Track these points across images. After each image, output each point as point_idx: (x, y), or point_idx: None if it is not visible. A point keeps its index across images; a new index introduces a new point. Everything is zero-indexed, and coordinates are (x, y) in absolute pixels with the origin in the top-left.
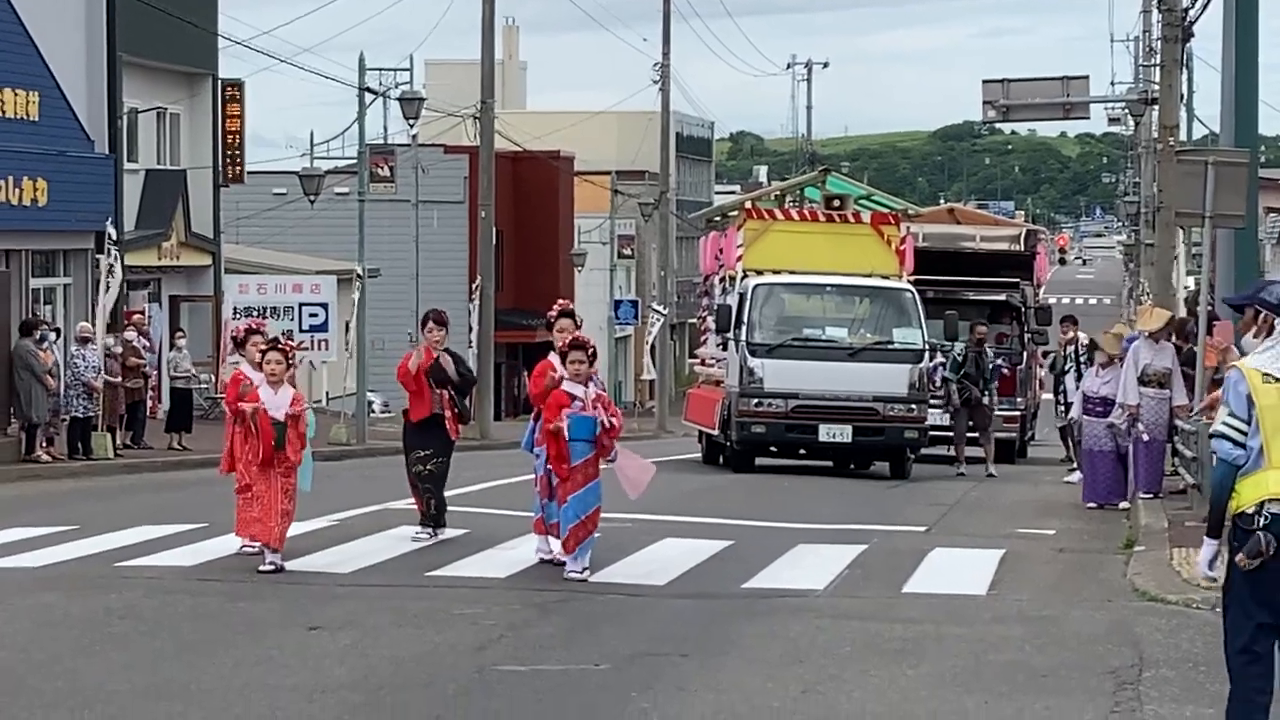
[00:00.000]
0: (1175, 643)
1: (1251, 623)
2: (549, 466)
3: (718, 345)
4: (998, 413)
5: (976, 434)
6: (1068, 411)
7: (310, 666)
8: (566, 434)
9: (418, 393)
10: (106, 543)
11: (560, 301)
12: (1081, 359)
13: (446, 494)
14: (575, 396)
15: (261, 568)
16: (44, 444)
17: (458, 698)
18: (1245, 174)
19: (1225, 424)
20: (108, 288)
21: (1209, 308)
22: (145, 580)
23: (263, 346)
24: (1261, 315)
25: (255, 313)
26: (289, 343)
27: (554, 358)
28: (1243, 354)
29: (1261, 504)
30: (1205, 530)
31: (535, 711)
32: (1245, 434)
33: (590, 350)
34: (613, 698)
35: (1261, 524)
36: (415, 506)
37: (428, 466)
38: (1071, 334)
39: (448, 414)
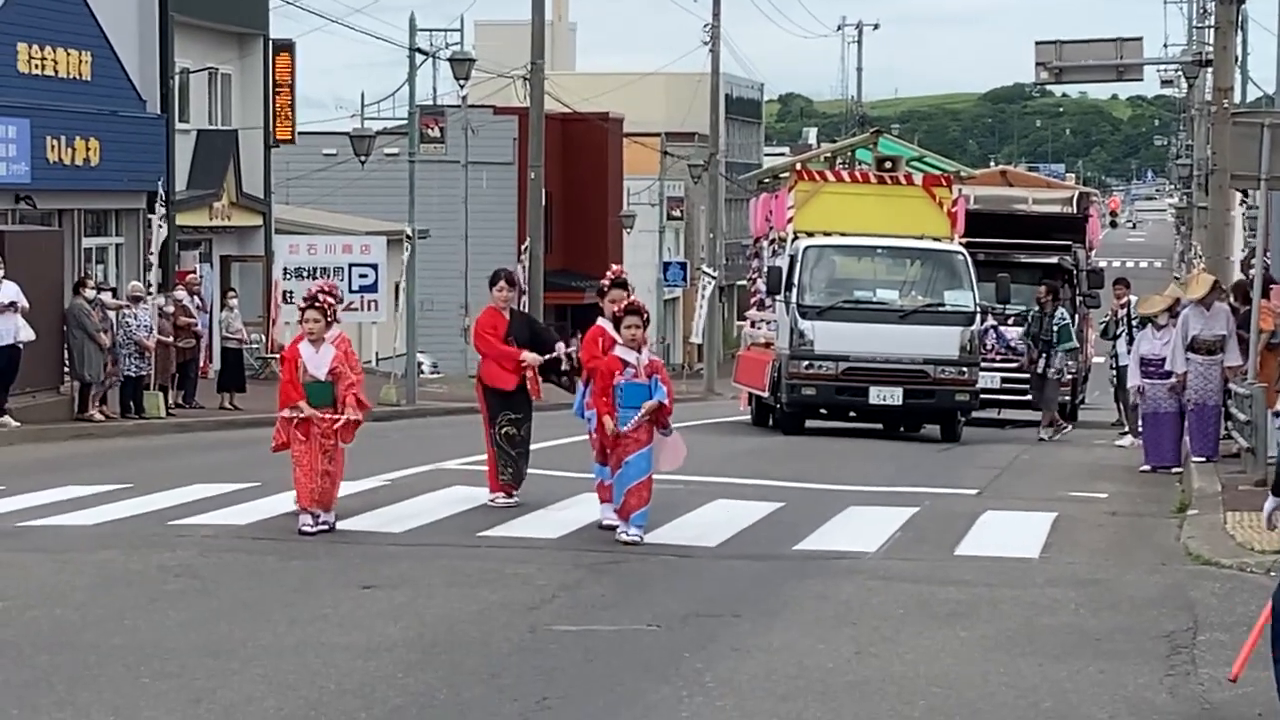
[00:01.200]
0: (1229, 606)
1: None
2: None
3: (768, 307)
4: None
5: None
6: (1119, 375)
7: (364, 625)
8: (617, 425)
9: (501, 364)
10: (160, 501)
11: (614, 269)
12: (1134, 322)
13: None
14: (628, 363)
15: (304, 528)
16: (97, 402)
17: (511, 656)
18: None
19: None
20: (152, 248)
21: (1265, 270)
22: (200, 539)
23: (301, 305)
24: None
25: (305, 273)
26: (328, 298)
27: (604, 323)
28: None
29: None
30: (1272, 487)
31: (588, 671)
32: None
33: (645, 316)
34: (666, 657)
35: None
36: (487, 469)
37: (521, 430)
38: (1125, 297)
39: (529, 375)
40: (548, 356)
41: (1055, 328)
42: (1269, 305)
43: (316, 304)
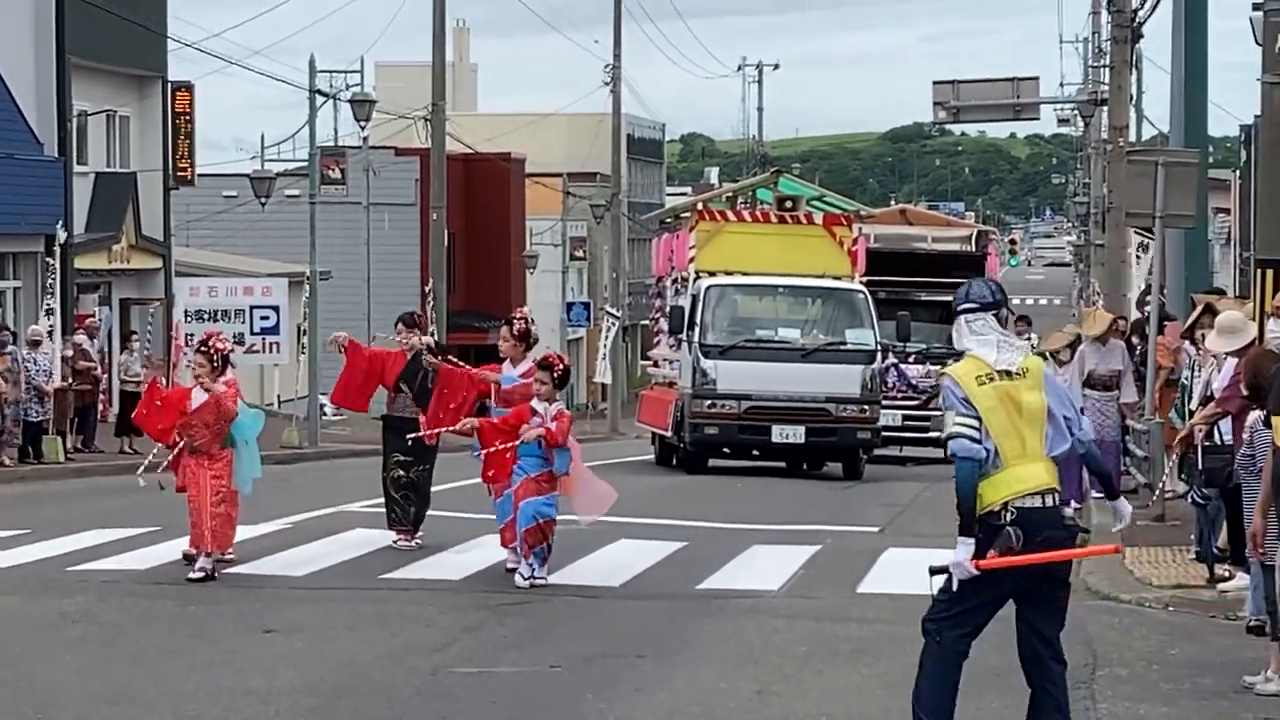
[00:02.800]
0: (1128, 641)
1: (972, 622)
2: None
3: (670, 346)
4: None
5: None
6: None
7: (264, 670)
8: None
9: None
10: (59, 546)
11: (519, 311)
12: None
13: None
14: (536, 412)
15: (190, 575)
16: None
17: (412, 700)
18: (1195, 174)
19: (957, 424)
20: (51, 292)
21: (1160, 305)
22: (99, 584)
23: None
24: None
25: (207, 316)
26: (215, 345)
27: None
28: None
29: (1005, 503)
30: (959, 531)
31: (490, 713)
32: (979, 430)
33: (556, 372)
34: (568, 699)
35: (1009, 519)
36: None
37: (410, 473)
38: (1026, 335)
39: (421, 418)
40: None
41: None
42: (1165, 341)
43: (201, 347)
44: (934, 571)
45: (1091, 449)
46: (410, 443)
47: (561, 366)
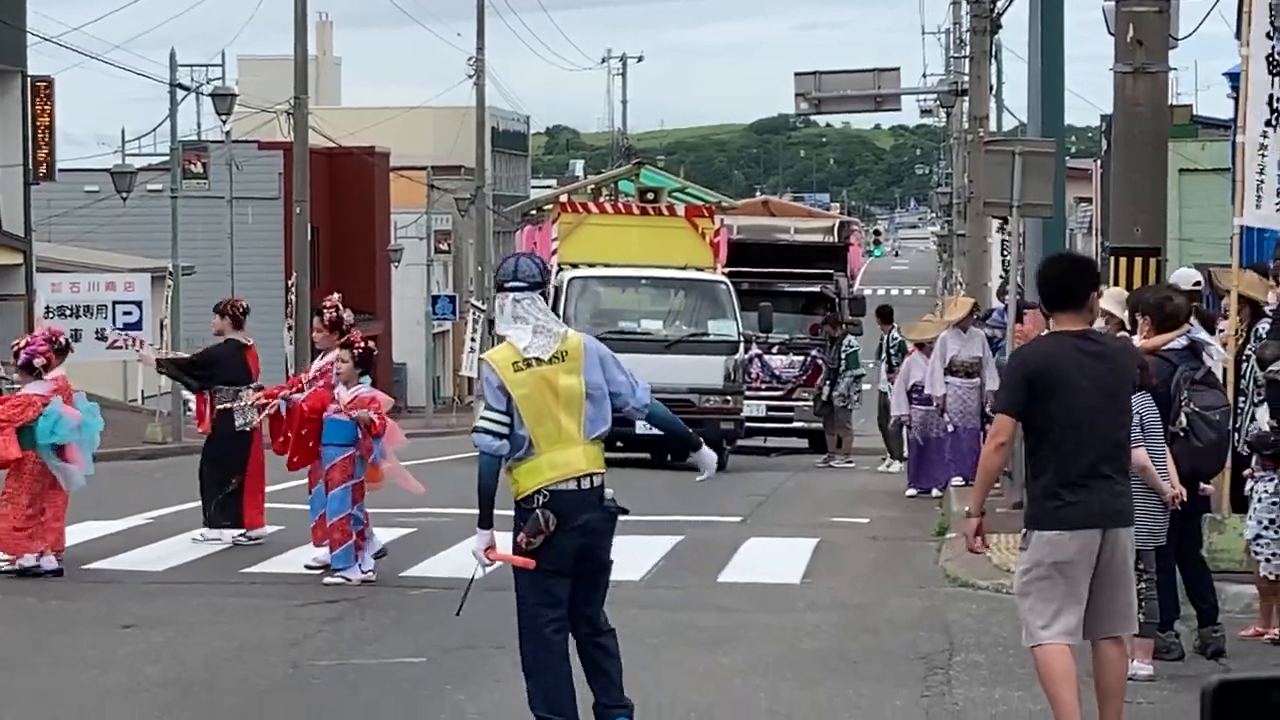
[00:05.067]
0: (985, 627)
1: (551, 597)
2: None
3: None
4: (807, 405)
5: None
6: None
7: (124, 665)
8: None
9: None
10: None
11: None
12: (893, 352)
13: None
14: (334, 398)
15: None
16: None
17: (272, 693)
18: (1052, 163)
19: (484, 418)
20: None
21: (1019, 296)
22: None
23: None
24: None
25: (69, 312)
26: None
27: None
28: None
29: (540, 489)
30: (477, 523)
31: (350, 704)
32: (507, 425)
33: (357, 350)
34: (429, 690)
35: (540, 503)
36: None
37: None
38: (889, 327)
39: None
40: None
41: (844, 354)
42: (1025, 330)
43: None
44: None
45: (656, 409)
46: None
47: (362, 345)
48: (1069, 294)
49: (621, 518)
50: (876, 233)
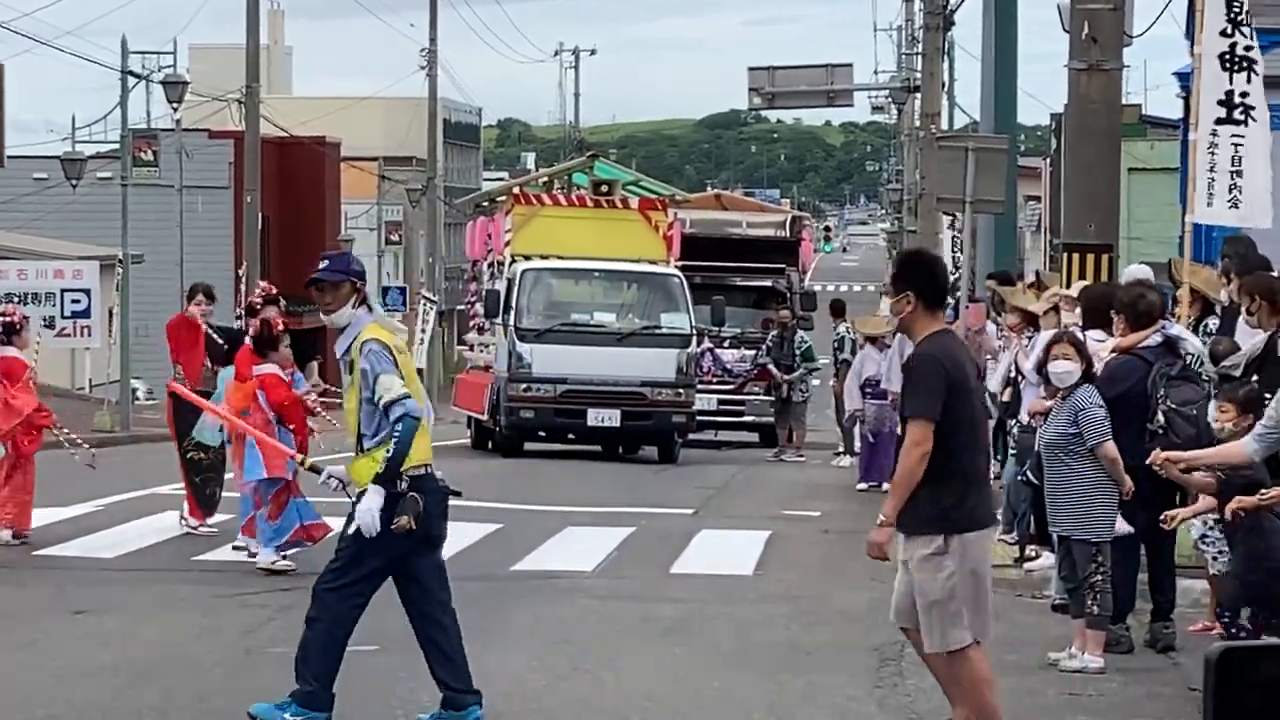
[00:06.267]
0: None
1: (380, 577)
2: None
3: (486, 330)
4: (758, 399)
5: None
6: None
7: (74, 651)
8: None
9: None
10: None
11: (262, 285)
12: (850, 346)
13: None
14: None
15: None
16: None
17: (223, 679)
18: (1005, 160)
19: (402, 386)
20: None
21: (970, 291)
22: None
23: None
24: None
25: (17, 299)
26: None
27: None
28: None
29: (418, 465)
30: (381, 481)
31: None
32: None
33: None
34: (382, 678)
35: (410, 485)
36: (185, 492)
37: (210, 455)
38: (837, 321)
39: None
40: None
41: (799, 349)
42: (960, 323)
43: None
44: None
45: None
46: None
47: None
48: (946, 292)
49: (575, 509)
50: (827, 228)
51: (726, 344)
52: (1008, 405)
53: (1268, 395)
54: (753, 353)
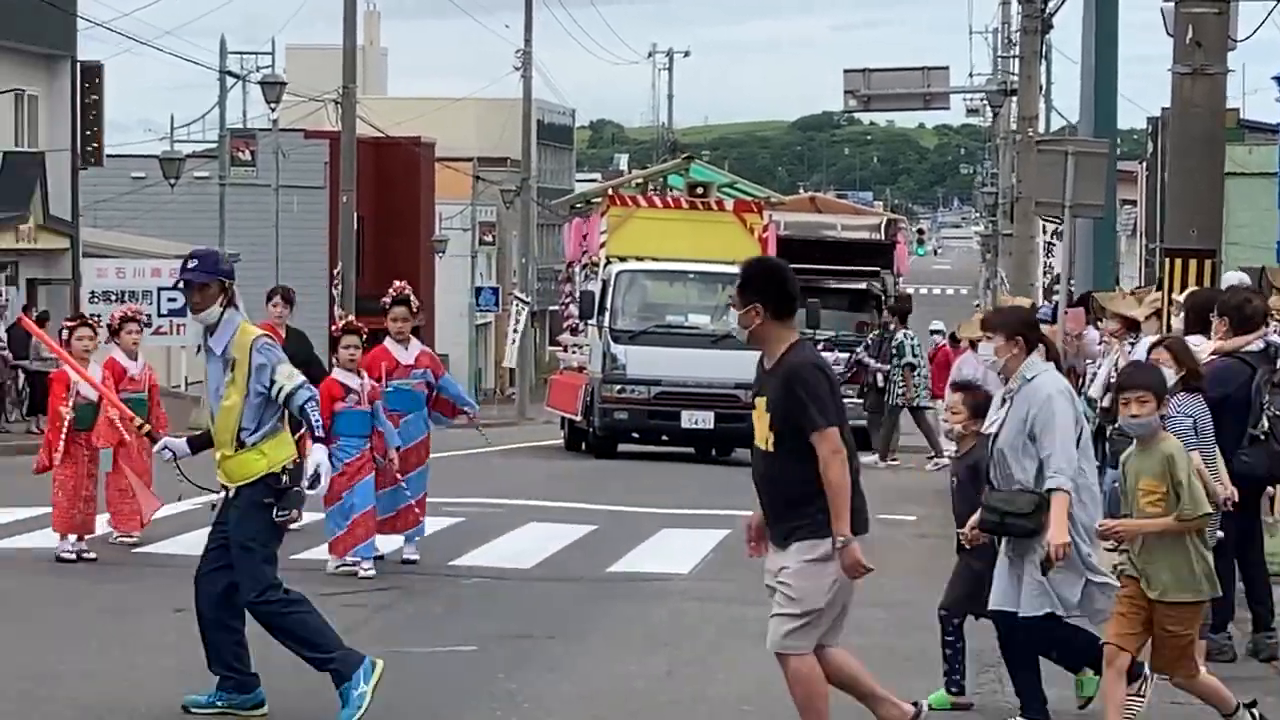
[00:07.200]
0: None
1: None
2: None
3: (580, 332)
4: (857, 401)
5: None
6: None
7: (176, 649)
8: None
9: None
10: None
11: (396, 284)
12: (908, 351)
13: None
14: (350, 389)
15: (62, 554)
16: None
17: (323, 679)
18: (1104, 164)
19: (298, 375)
20: None
21: (1069, 295)
22: (7, 562)
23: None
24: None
25: (114, 297)
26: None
27: (390, 344)
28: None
29: (285, 464)
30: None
31: (401, 693)
32: None
33: (364, 335)
34: (479, 678)
35: (288, 479)
36: None
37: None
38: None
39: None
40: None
41: (895, 348)
42: (1053, 329)
43: (86, 320)
44: None
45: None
46: None
47: (367, 329)
48: (796, 301)
49: (669, 511)
50: (920, 231)
51: (820, 347)
52: (1107, 411)
53: None
54: (846, 355)
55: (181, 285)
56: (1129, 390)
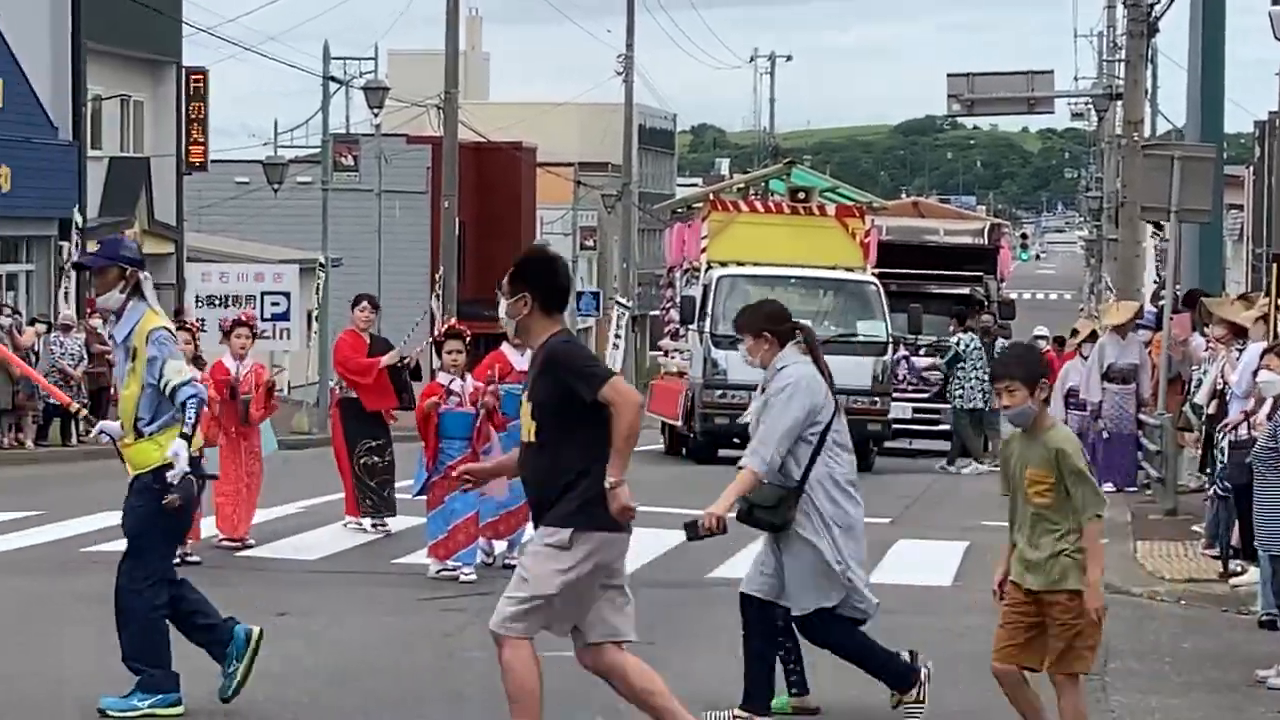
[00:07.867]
0: (1140, 634)
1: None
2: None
3: (681, 337)
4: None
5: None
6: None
7: (278, 652)
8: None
9: (376, 383)
10: (73, 528)
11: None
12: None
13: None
14: (451, 391)
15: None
16: (10, 431)
17: (425, 683)
18: (1211, 169)
19: (186, 366)
20: (69, 276)
21: (1175, 301)
22: (112, 565)
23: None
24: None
25: (218, 302)
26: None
27: (507, 348)
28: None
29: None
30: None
31: (501, 697)
32: None
33: (468, 338)
34: (581, 682)
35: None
36: (344, 494)
37: (384, 458)
38: (953, 328)
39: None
40: (401, 360)
41: (966, 350)
42: (1159, 337)
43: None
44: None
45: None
46: (374, 425)
47: (470, 333)
48: (566, 295)
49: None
50: (1023, 236)
51: (922, 352)
52: (1214, 418)
53: None
54: (939, 359)
55: (77, 268)
56: (997, 380)
